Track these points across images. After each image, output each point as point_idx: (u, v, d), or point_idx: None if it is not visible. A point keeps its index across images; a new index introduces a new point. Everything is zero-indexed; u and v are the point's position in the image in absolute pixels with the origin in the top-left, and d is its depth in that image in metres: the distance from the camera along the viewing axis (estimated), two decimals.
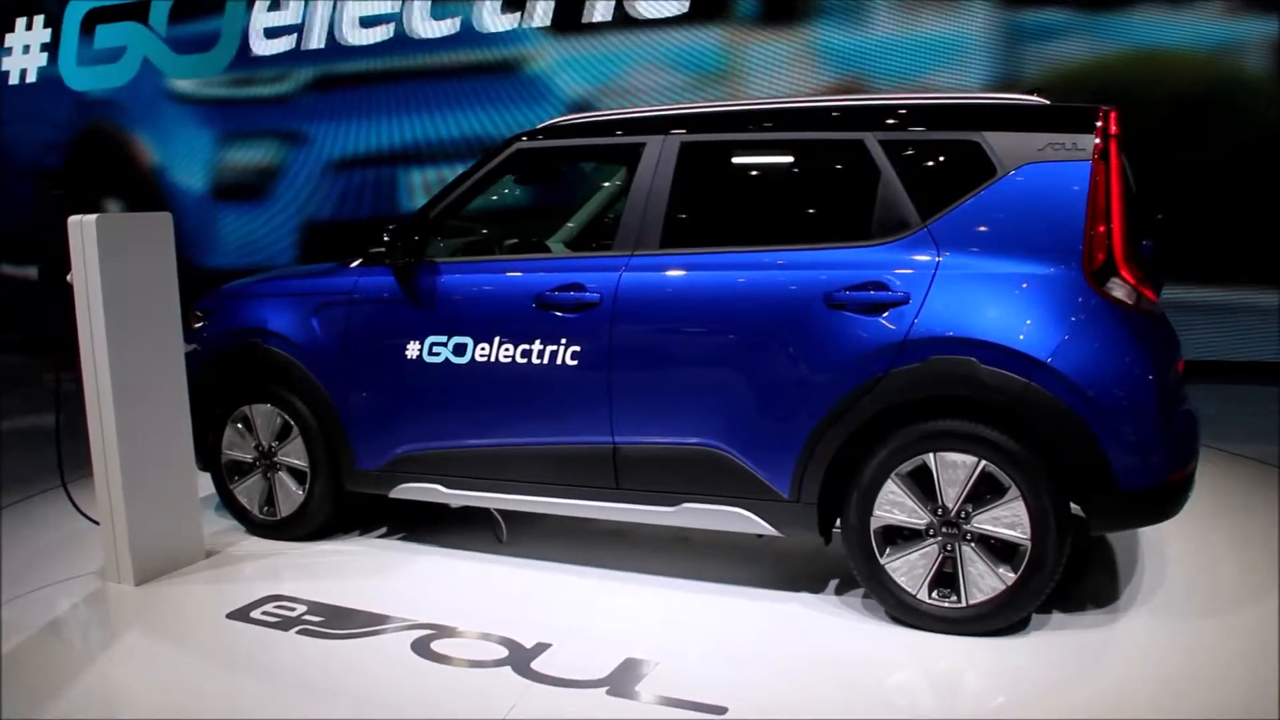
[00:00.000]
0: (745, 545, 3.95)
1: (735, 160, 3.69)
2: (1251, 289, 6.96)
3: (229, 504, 4.29)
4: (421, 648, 3.17)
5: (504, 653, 3.12)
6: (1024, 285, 3.08)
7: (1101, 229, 3.04)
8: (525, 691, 2.88)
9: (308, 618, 3.42)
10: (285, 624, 3.38)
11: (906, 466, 3.17)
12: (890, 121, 3.32)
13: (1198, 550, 3.92)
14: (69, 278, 3.64)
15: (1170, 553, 3.87)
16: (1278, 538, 3.96)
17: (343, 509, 4.18)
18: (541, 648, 3.15)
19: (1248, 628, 3.23)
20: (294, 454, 4.11)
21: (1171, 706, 2.75)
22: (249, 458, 4.21)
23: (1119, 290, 3.05)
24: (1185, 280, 6.76)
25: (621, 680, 2.93)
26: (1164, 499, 3.09)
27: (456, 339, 3.73)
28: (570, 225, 4.81)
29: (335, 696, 2.94)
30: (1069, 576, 3.53)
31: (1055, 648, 3.09)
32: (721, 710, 2.75)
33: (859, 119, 3.37)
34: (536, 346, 3.60)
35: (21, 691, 2.96)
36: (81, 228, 3.56)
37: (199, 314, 4.37)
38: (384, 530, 4.31)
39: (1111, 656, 3.07)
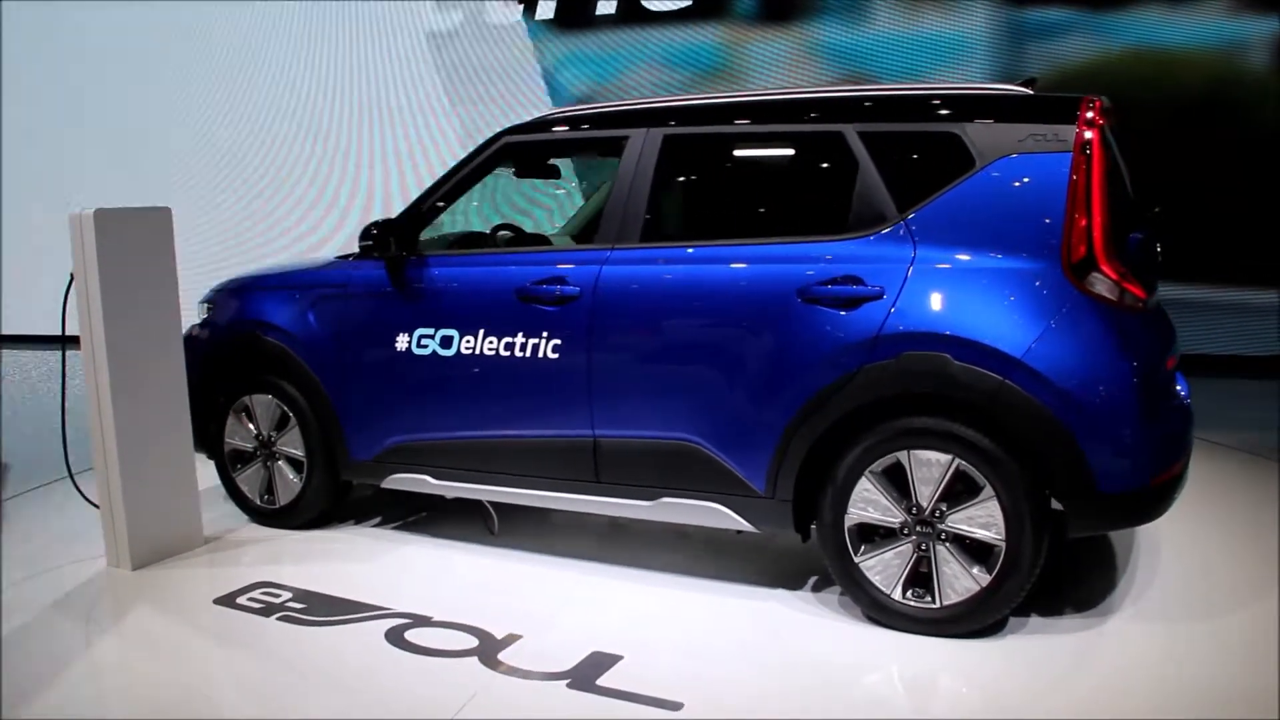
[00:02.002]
0: (741, 541, 3.93)
1: (716, 153, 3.66)
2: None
3: (231, 492, 4.39)
4: (395, 636, 3.21)
5: (474, 643, 3.15)
6: (1001, 280, 3.00)
7: (1081, 222, 2.95)
8: (487, 682, 2.90)
9: (291, 604, 3.49)
10: (268, 610, 3.45)
11: (880, 464, 3.12)
12: (870, 113, 3.27)
13: (1193, 548, 3.83)
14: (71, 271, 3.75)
15: (1165, 550, 3.79)
16: (1278, 535, 3.83)
17: (339, 498, 4.26)
18: (512, 639, 3.17)
19: (1241, 632, 3.13)
20: (292, 444, 4.18)
21: (1154, 715, 2.67)
22: (250, 447, 4.30)
23: (1100, 285, 2.96)
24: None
25: (584, 674, 2.93)
26: (1146, 501, 3.00)
27: (443, 331, 3.77)
28: (575, 219, 4.82)
29: (299, 682, 2.99)
30: (1058, 574, 3.46)
31: (1034, 651, 3.02)
32: (677, 706, 2.74)
33: (839, 111, 3.32)
34: (519, 339, 3.61)
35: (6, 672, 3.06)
36: (80, 222, 3.66)
37: (205, 306, 4.47)
38: (379, 520, 4.37)
39: (1093, 660, 2.99)
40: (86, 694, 2.96)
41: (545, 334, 3.56)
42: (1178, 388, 3.34)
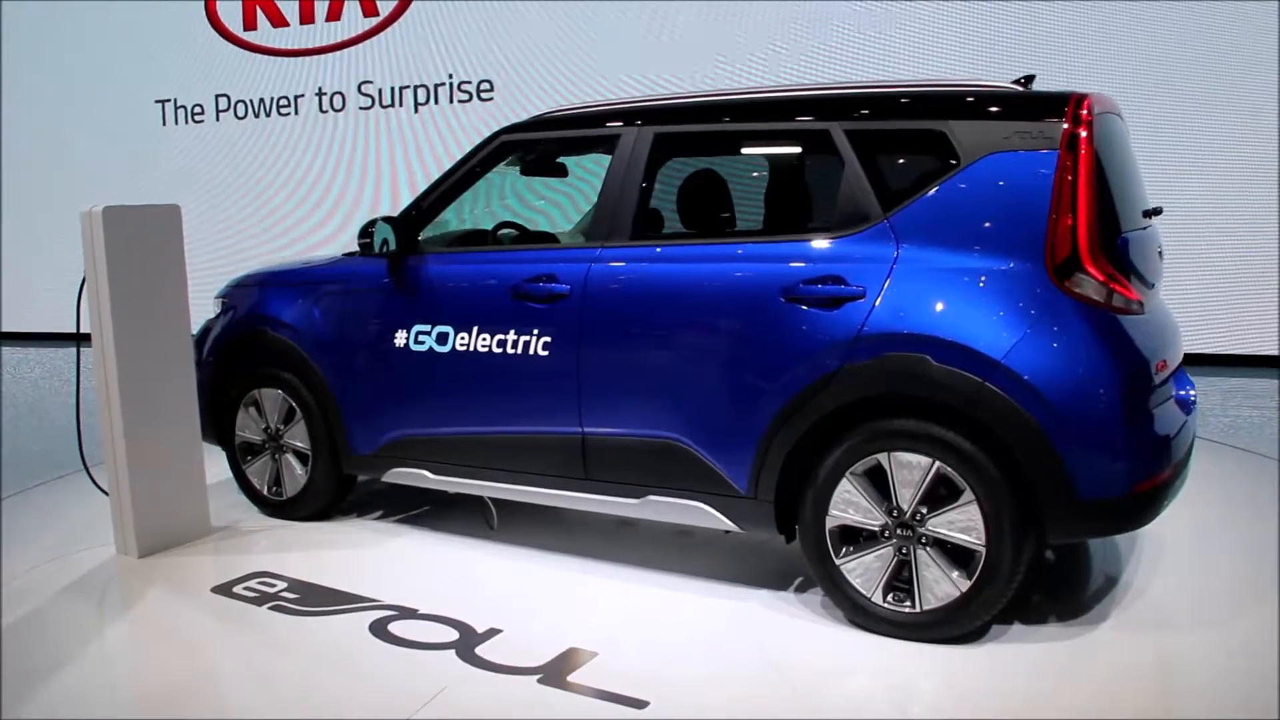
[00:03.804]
0: (740, 541, 3.90)
1: (705, 152, 3.65)
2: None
3: (241, 483, 4.49)
4: (379, 628, 3.26)
5: (454, 636, 3.18)
6: (983, 280, 2.95)
7: (1066, 221, 2.89)
8: (459, 675, 2.93)
9: (285, 594, 3.56)
10: (261, 599, 3.53)
11: (861, 466, 3.08)
12: (856, 111, 3.23)
13: (1192, 550, 3.79)
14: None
15: (1163, 552, 3.73)
16: (1277, 535, 3.73)
17: (343, 491, 4.34)
18: (492, 633, 3.20)
19: (1237, 641, 3.05)
20: (298, 437, 4.27)
21: None
22: (259, 439, 4.40)
23: (1084, 286, 2.89)
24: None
25: (555, 670, 2.95)
26: (1129, 508, 2.92)
27: (440, 328, 3.81)
28: (587, 217, 4.84)
29: (273, 671, 3.05)
30: (1056, 572, 3.41)
31: (1019, 659, 2.96)
32: (643, 704, 2.74)
33: (826, 109, 3.29)
34: (511, 336, 3.64)
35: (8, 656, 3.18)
36: (90, 219, 3.78)
37: (220, 301, 4.58)
38: (380, 513, 4.44)
39: (1079, 669, 2.92)
40: (72, 676, 3.03)
41: (536, 331, 3.59)
42: (1174, 392, 3.25)
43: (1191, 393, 3.48)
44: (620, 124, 3.61)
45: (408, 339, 3.88)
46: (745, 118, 3.48)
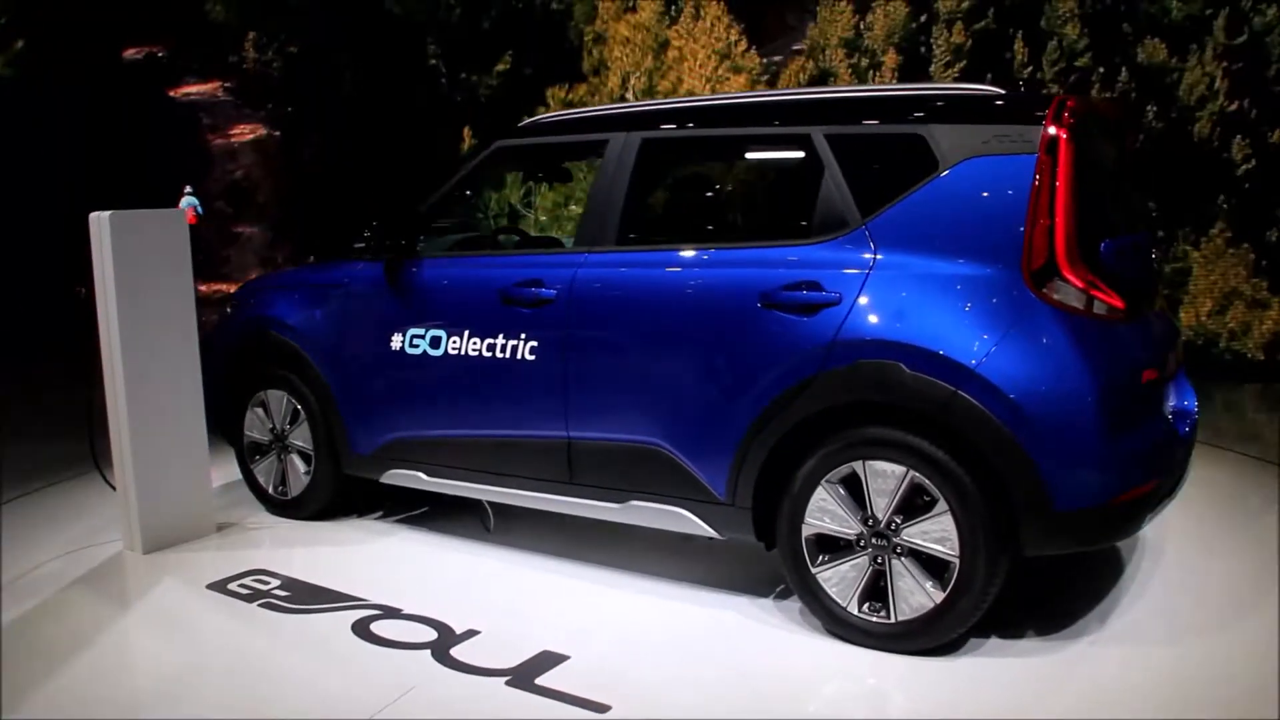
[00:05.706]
0: (735, 549, 3.85)
1: (689, 157, 3.65)
2: None
3: (249, 482, 4.58)
4: (361, 627, 3.31)
5: (432, 636, 3.22)
6: (958, 287, 2.90)
7: (1043, 227, 2.83)
8: (431, 675, 2.96)
9: (277, 592, 3.63)
10: (253, 596, 3.60)
11: (837, 474, 3.05)
12: (837, 115, 3.20)
13: (1190, 554, 3.73)
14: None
15: (1162, 559, 3.64)
16: (1277, 541, 3.62)
17: (345, 491, 4.39)
18: (470, 634, 3.22)
19: (1229, 657, 2.97)
20: (302, 438, 4.34)
21: None
22: (265, 439, 4.49)
23: (1062, 293, 2.83)
24: None
25: (525, 672, 2.96)
26: (1109, 520, 2.85)
27: (433, 331, 3.86)
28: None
29: (249, 666, 3.11)
30: (1053, 574, 3.35)
31: (1003, 671, 2.91)
32: (605, 709, 2.75)
33: (808, 113, 3.26)
34: (500, 340, 3.67)
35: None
36: (98, 224, 3.89)
37: (233, 303, 4.69)
38: (381, 513, 4.50)
39: (1061, 682, 2.87)
40: (58, 666, 3.11)
41: (524, 335, 3.61)
42: (1168, 401, 3.16)
43: (1190, 402, 3.38)
44: (607, 129, 3.62)
45: (403, 342, 3.93)
46: (729, 123, 3.47)
